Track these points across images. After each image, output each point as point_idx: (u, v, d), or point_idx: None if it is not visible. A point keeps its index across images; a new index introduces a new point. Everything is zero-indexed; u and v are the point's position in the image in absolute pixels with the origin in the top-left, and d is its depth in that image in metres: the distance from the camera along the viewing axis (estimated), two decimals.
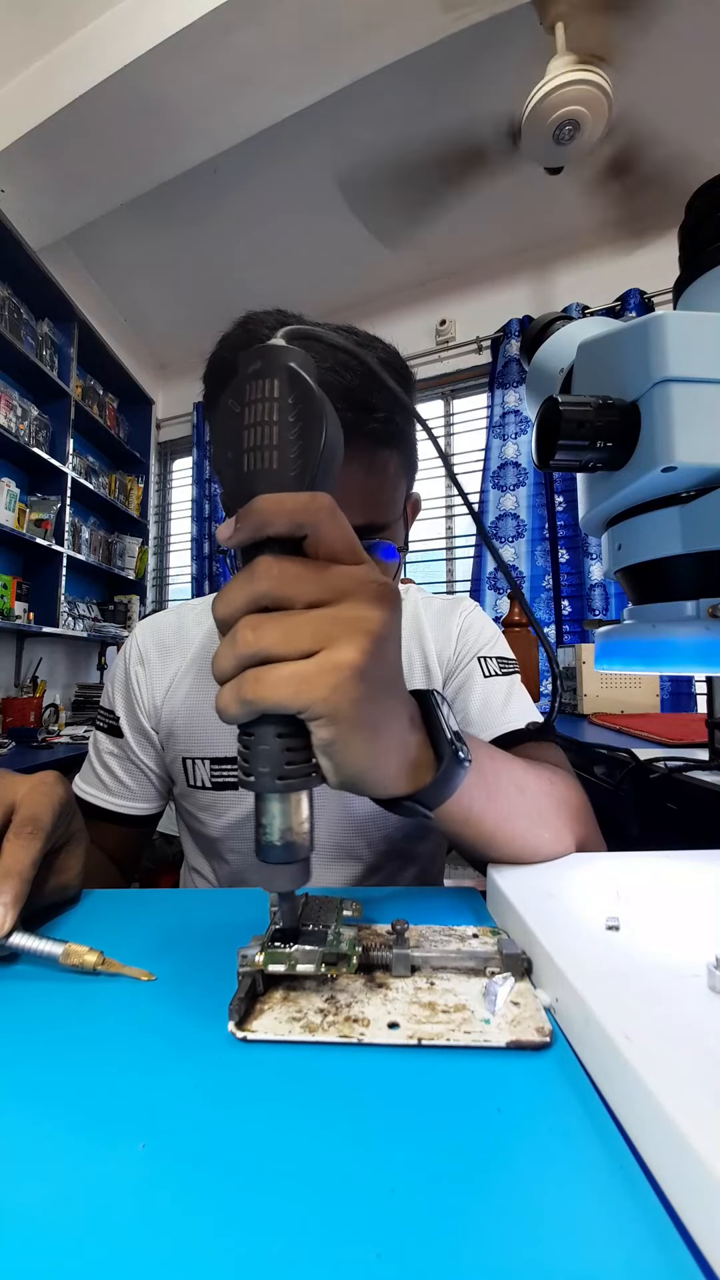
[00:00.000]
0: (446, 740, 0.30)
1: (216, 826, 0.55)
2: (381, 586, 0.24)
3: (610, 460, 0.30)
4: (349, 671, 0.23)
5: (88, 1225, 0.15)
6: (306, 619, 0.23)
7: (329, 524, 0.23)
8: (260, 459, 0.23)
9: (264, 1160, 0.17)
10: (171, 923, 0.34)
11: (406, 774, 0.29)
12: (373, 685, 0.24)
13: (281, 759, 0.23)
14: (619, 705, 1.61)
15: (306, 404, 0.23)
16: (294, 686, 0.22)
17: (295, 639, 0.23)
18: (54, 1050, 0.22)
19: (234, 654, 0.23)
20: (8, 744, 1.84)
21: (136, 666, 0.58)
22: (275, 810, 0.24)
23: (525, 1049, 0.22)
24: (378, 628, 0.24)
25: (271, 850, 0.24)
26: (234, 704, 0.23)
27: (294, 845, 0.24)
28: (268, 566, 0.23)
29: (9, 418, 2.10)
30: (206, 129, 1.90)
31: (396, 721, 0.28)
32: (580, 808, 0.43)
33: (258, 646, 0.22)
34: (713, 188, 0.31)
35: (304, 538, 0.23)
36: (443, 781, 0.30)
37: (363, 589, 0.24)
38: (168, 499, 3.47)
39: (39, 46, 1.81)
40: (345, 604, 0.23)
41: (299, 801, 0.24)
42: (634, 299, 2.29)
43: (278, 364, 0.23)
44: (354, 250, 2.52)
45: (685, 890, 0.33)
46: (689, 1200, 0.15)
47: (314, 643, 0.23)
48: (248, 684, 0.22)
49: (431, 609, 0.63)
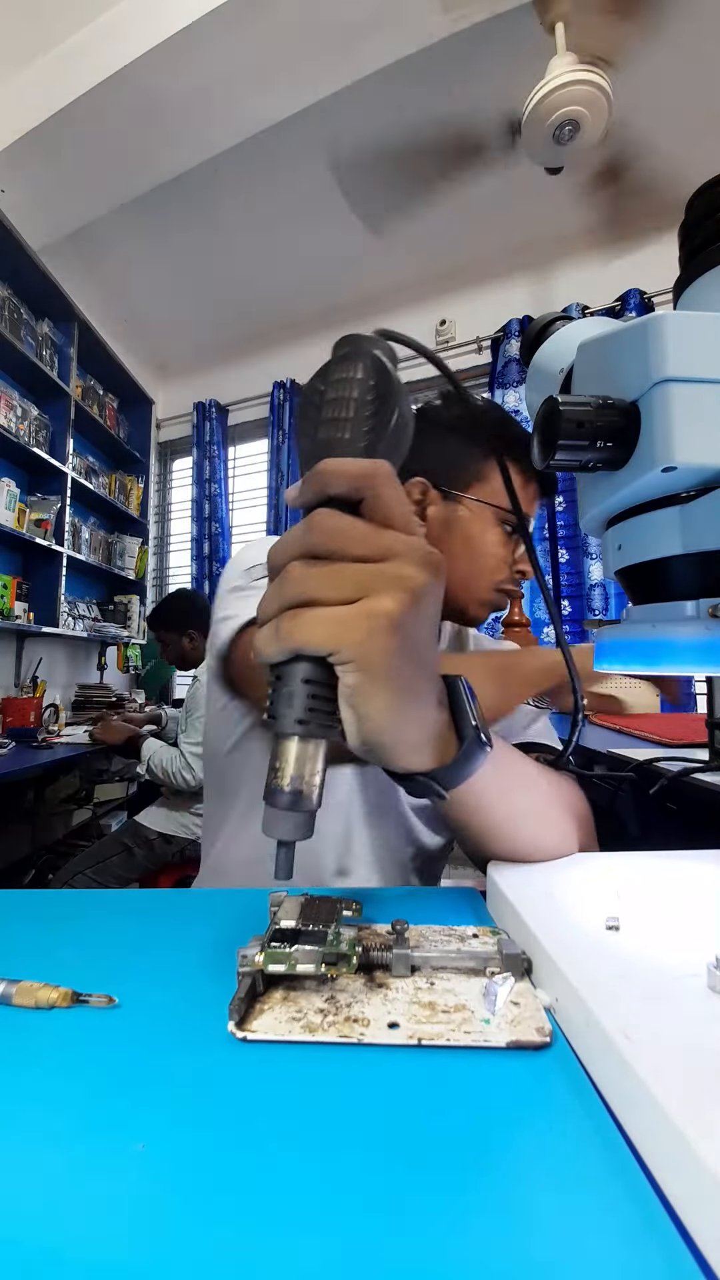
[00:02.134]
0: (470, 723, 0.30)
1: None
2: (429, 554, 0.25)
3: (610, 460, 0.30)
4: (385, 620, 0.23)
5: (88, 1225, 0.15)
6: (352, 569, 0.24)
7: (387, 489, 0.24)
8: (334, 429, 0.25)
9: (264, 1160, 0.17)
10: (172, 922, 0.34)
11: (428, 748, 0.29)
12: (406, 641, 0.24)
13: (305, 704, 0.24)
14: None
15: (384, 386, 0.25)
16: (330, 627, 0.23)
17: (339, 585, 0.23)
18: (54, 1050, 0.22)
19: (279, 594, 0.24)
20: (7, 744, 1.84)
21: None
22: (291, 754, 0.24)
23: (525, 1049, 0.22)
24: (418, 587, 0.24)
25: (280, 795, 0.24)
26: (270, 642, 0.24)
27: (302, 795, 0.24)
28: (323, 518, 0.24)
29: (9, 418, 2.10)
30: (206, 129, 1.90)
31: (423, 689, 0.28)
32: (584, 816, 0.44)
33: (301, 588, 0.23)
34: (712, 188, 0.31)
35: (361, 501, 0.24)
36: (463, 761, 0.30)
37: (411, 552, 0.25)
38: (168, 499, 3.47)
39: (39, 46, 1.80)
40: (393, 562, 0.24)
41: (315, 752, 0.25)
42: (634, 299, 2.29)
43: (363, 349, 0.25)
44: (354, 250, 2.52)
45: (685, 890, 0.33)
46: (689, 1200, 0.15)
47: (356, 591, 0.24)
48: (285, 622, 0.23)
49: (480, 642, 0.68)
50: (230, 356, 3.13)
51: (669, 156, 1.97)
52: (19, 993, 0.25)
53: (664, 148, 1.95)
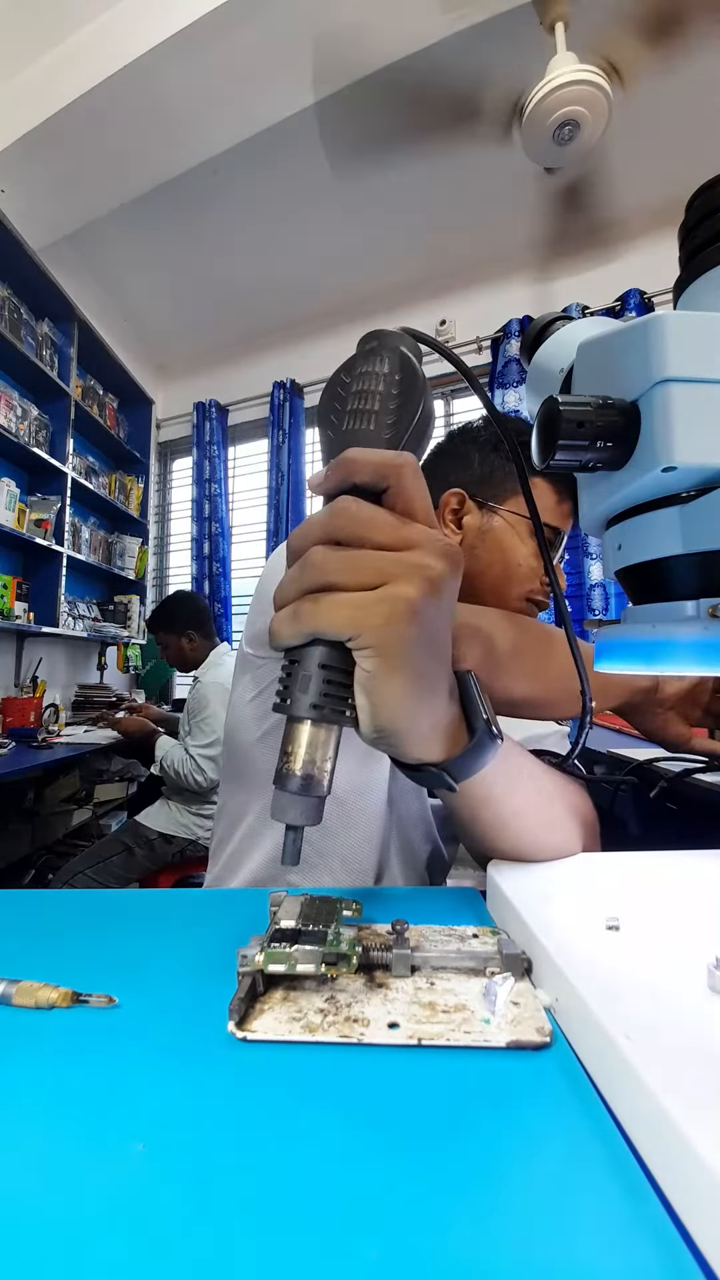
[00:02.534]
0: (481, 715, 0.30)
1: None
2: (449, 546, 0.25)
3: (610, 460, 0.30)
4: (405, 606, 0.23)
5: (87, 1225, 0.15)
6: (374, 556, 0.24)
7: (411, 479, 0.25)
8: (359, 420, 0.25)
9: (264, 1160, 0.17)
10: (172, 922, 0.34)
11: (439, 739, 0.29)
12: (424, 630, 0.24)
13: (320, 689, 0.24)
14: None
15: (409, 380, 0.25)
16: (350, 611, 0.23)
17: (360, 571, 0.24)
18: (54, 1050, 0.22)
19: (299, 578, 0.24)
20: (8, 744, 1.84)
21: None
22: (304, 739, 0.24)
23: (525, 1049, 0.22)
24: (439, 577, 0.24)
25: (290, 779, 0.24)
26: (288, 624, 0.24)
27: (313, 780, 0.24)
28: (346, 504, 0.24)
29: (9, 418, 2.10)
30: (206, 129, 1.90)
31: (437, 679, 0.28)
32: (589, 819, 0.44)
33: (322, 572, 0.23)
34: (712, 187, 0.31)
35: (385, 491, 0.25)
36: (474, 753, 0.30)
37: (431, 543, 0.25)
38: (167, 499, 3.47)
39: (39, 46, 1.81)
40: (414, 552, 0.24)
41: (328, 737, 0.25)
42: (634, 299, 2.29)
43: (389, 344, 0.26)
44: (354, 250, 2.52)
45: (685, 890, 0.33)
46: (689, 1200, 0.15)
47: (377, 577, 0.24)
48: (306, 605, 0.23)
49: None
50: (230, 356, 3.13)
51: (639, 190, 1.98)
52: (19, 993, 0.25)
53: (639, 180, 1.96)
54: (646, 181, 2.10)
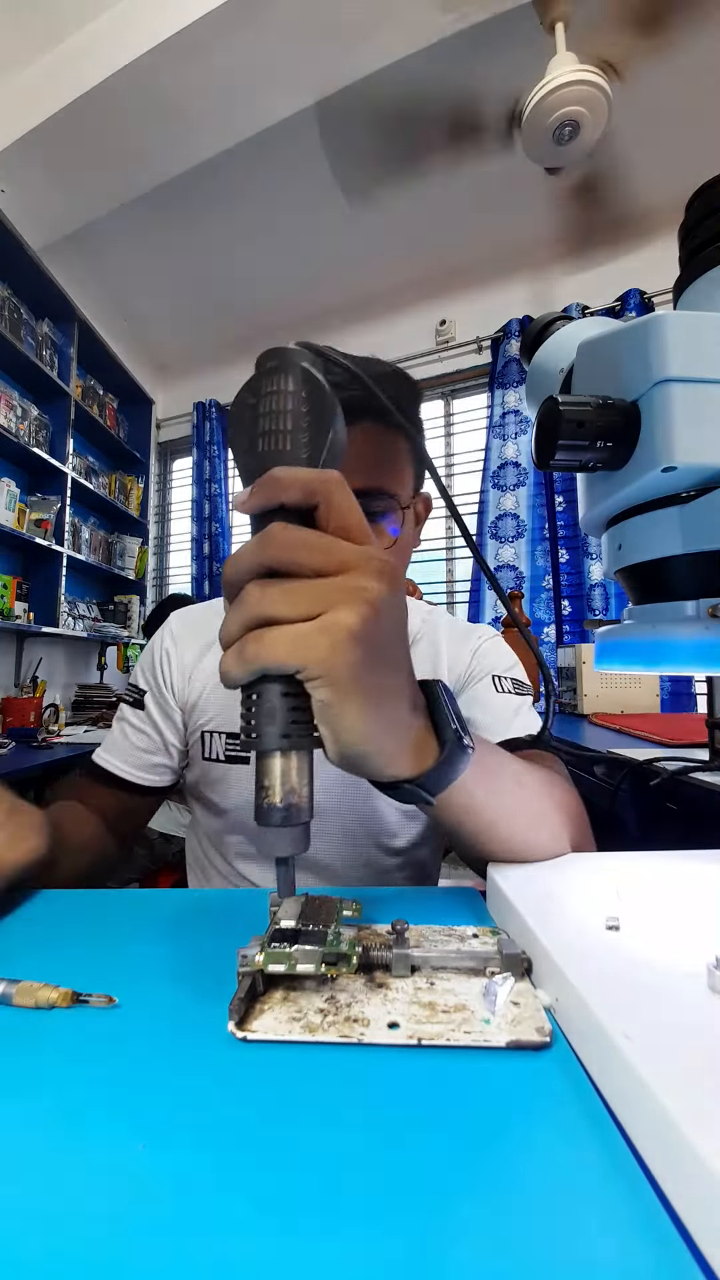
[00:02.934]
0: (450, 726, 0.30)
1: (227, 799, 0.57)
2: (384, 563, 0.25)
3: (610, 460, 0.30)
4: (346, 633, 0.23)
5: (87, 1225, 0.15)
6: (310, 585, 0.24)
7: (339, 496, 0.25)
8: (274, 441, 0.25)
9: (264, 1160, 0.17)
10: (171, 923, 0.34)
11: (408, 755, 0.29)
12: (371, 652, 0.24)
13: (286, 716, 0.24)
14: (619, 705, 1.61)
15: (317, 397, 0.25)
16: (292, 644, 0.23)
17: (298, 602, 0.23)
18: (54, 1050, 0.22)
19: (240, 615, 0.24)
20: (8, 744, 1.84)
21: (168, 644, 0.62)
22: (277, 770, 0.24)
23: (525, 1049, 0.22)
24: (377, 598, 0.24)
25: (272, 812, 0.24)
26: (235, 664, 0.23)
27: (294, 808, 0.24)
28: (279, 532, 0.24)
29: (9, 418, 2.10)
30: (206, 129, 1.90)
31: (396, 697, 0.28)
32: (576, 812, 0.43)
33: (261, 607, 0.23)
34: (712, 187, 0.31)
35: (314, 509, 0.25)
36: (446, 766, 0.30)
37: (367, 563, 0.25)
38: (168, 499, 3.47)
39: (39, 46, 1.80)
40: (349, 574, 0.24)
41: (301, 763, 0.24)
42: (634, 299, 2.29)
43: (291, 362, 0.25)
44: (354, 250, 2.52)
45: (685, 890, 0.33)
46: (689, 1200, 0.15)
47: (316, 606, 0.23)
48: (249, 643, 0.23)
49: (454, 630, 0.66)
50: (230, 356, 3.13)
51: (642, 182, 1.97)
52: (19, 993, 0.25)
53: (639, 173, 1.95)
54: (646, 181, 2.10)
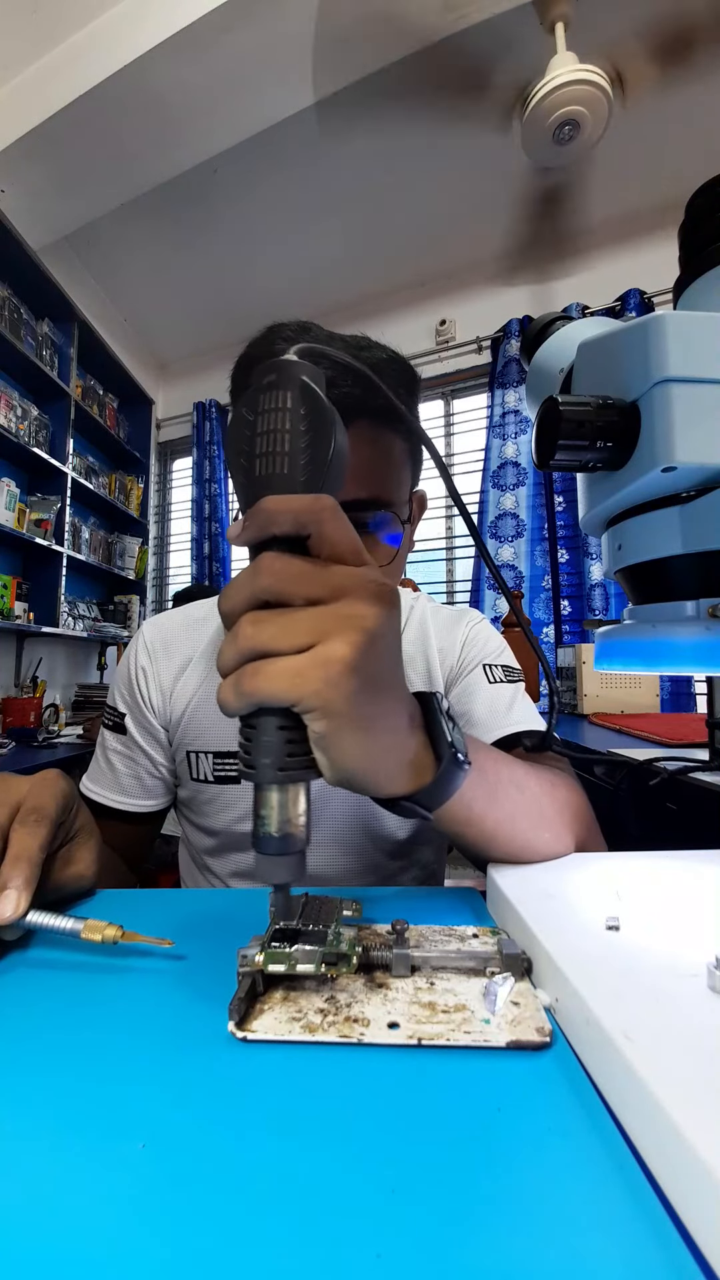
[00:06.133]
0: (446, 742, 0.30)
1: (219, 821, 0.56)
2: (380, 586, 0.25)
3: (610, 460, 0.30)
4: (340, 666, 0.23)
5: (87, 1225, 0.15)
6: (304, 615, 0.24)
7: (331, 524, 0.24)
8: (271, 464, 0.24)
9: (264, 1160, 0.17)
10: (171, 922, 0.34)
11: (405, 773, 0.29)
12: (366, 681, 0.24)
13: (282, 750, 0.24)
14: (619, 705, 1.62)
15: (317, 414, 0.24)
16: (288, 679, 0.23)
17: (292, 634, 0.23)
18: (54, 1049, 0.22)
19: (235, 648, 0.23)
20: (8, 744, 1.84)
21: (144, 661, 0.59)
22: (274, 801, 0.24)
23: (525, 1049, 0.22)
24: (373, 625, 0.24)
25: (269, 841, 0.24)
26: (233, 696, 0.23)
27: (291, 837, 0.24)
28: (270, 562, 0.24)
29: (9, 418, 2.10)
30: (206, 129, 1.91)
31: (393, 719, 0.28)
32: (581, 809, 0.43)
33: (255, 641, 0.23)
34: (712, 187, 0.31)
35: (308, 537, 0.24)
36: (442, 783, 0.30)
37: (361, 588, 0.24)
38: (168, 499, 3.47)
39: (39, 46, 1.81)
40: (343, 601, 0.24)
41: (297, 794, 0.24)
42: (634, 299, 2.29)
43: (291, 377, 0.24)
44: (354, 250, 2.52)
45: (685, 890, 0.33)
46: (689, 1200, 0.15)
47: (310, 638, 0.23)
48: (246, 677, 0.23)
49: (439, 617, 0.64)
50: (230, 356, 3.04)
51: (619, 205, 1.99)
52: (86, 929, 0.28)
53: (615, 195, 1.97)
54: (647, 180, 2.11)
